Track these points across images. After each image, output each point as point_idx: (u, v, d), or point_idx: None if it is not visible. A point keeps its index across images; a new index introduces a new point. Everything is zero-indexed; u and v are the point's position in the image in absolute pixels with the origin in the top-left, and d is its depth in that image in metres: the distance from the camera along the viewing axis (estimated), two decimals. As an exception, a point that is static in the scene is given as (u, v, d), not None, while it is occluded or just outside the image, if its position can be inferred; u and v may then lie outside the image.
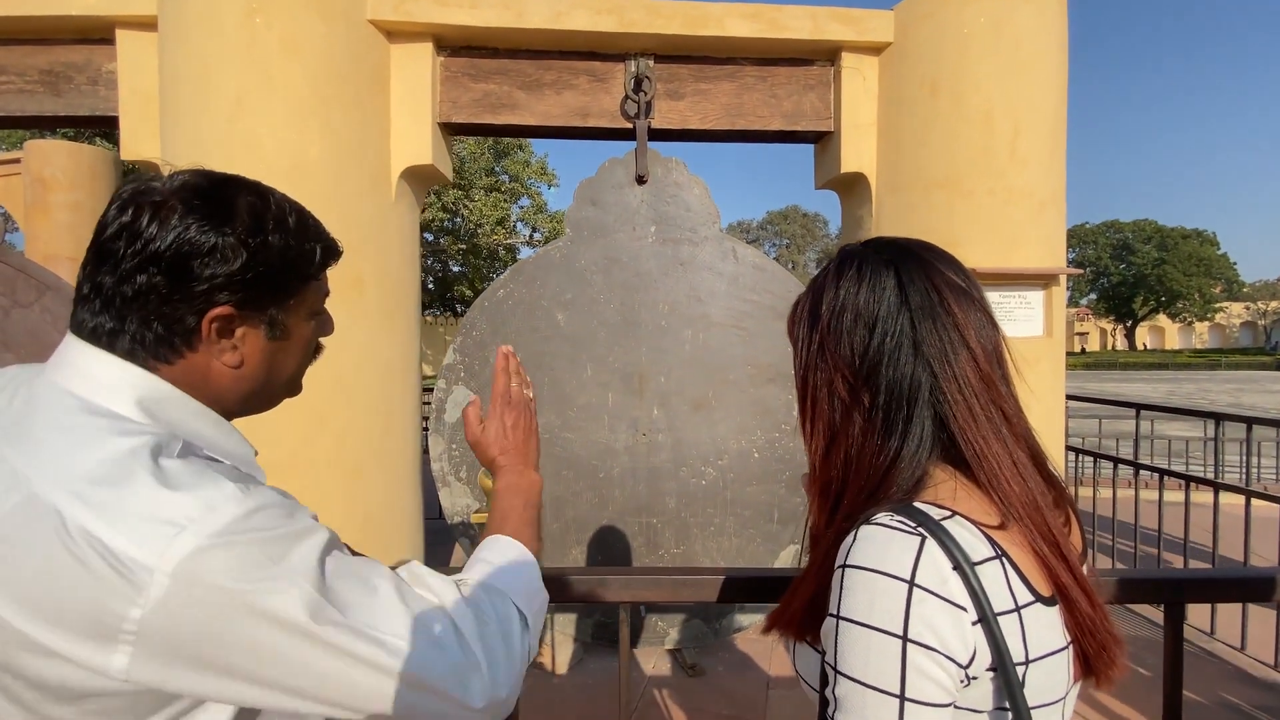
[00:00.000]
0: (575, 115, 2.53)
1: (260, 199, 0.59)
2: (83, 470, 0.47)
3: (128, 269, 0.54)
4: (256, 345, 0.60)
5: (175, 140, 2.25)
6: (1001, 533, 0.51)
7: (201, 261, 0.55)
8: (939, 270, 0.58)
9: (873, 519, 0.51)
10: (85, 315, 0.55)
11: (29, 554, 0.45)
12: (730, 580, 0.75)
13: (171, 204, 0.55)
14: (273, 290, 0.59)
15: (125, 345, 0.55)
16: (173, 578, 0.44)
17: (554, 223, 20.68)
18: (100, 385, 0.54)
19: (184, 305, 0.55)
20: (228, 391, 0.60)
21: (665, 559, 2.48)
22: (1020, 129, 2.40)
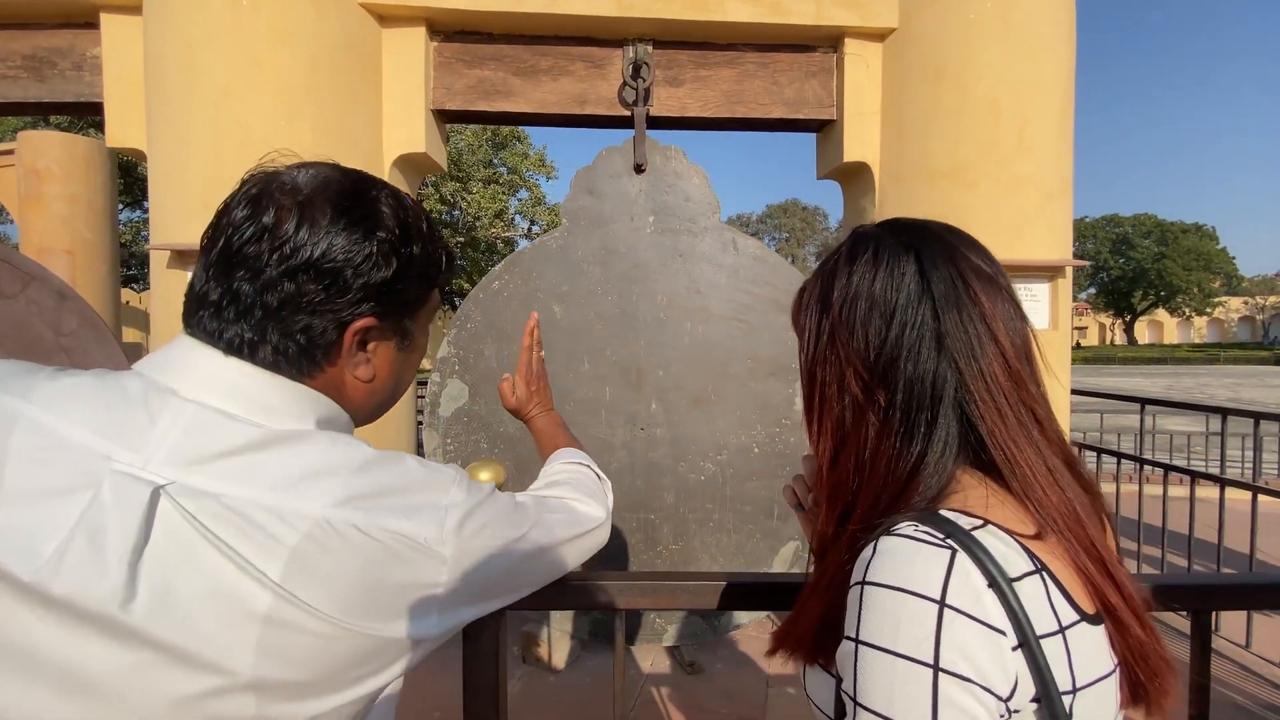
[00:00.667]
0: (572, 102, 2.48)
1: (398, 201, 0.57)
2: (349, 487, 0.49)
3: (273, 276, 0.50)
4: (387, 357, 0.58)
5: (161, 127, 2.19)
6: (1039, 543, 0.45)
7: (354, 271, 0.52)
8: (964, 255, 0.52)
9: (894, 529, 0.45)
10: (216, 324, 0.50)
11: (344, 563, 0.47)
12: (731, 587, 0.71)
13: (319, 205, 0.52)
14: (410, 299, 0.57)
15: (267, 358, 0.51)
16: (457, 544, 0.52)
17: (552, 215, 20.58)
18: (272, 409, 0.50)
19: (330, 316, 0.52)
20: (358, 407, 0.58)
21: (663, 555, 2.44)
22: (1027, 117, 2.35)
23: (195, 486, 0.45)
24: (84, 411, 0.46)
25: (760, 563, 2.45)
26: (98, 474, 0.44)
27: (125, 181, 15.30)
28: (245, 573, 0.44)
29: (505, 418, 2.43)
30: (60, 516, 0.43)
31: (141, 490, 0.44)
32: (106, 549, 0.43)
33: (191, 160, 2.12)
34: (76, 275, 5.16)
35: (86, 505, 0.43)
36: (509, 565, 0.57)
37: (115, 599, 0.42)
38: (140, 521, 0.43)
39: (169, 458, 0.46)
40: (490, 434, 2.42)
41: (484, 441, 2.41)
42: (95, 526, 0.43)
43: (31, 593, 0.42)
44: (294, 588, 0.45)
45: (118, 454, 0.45)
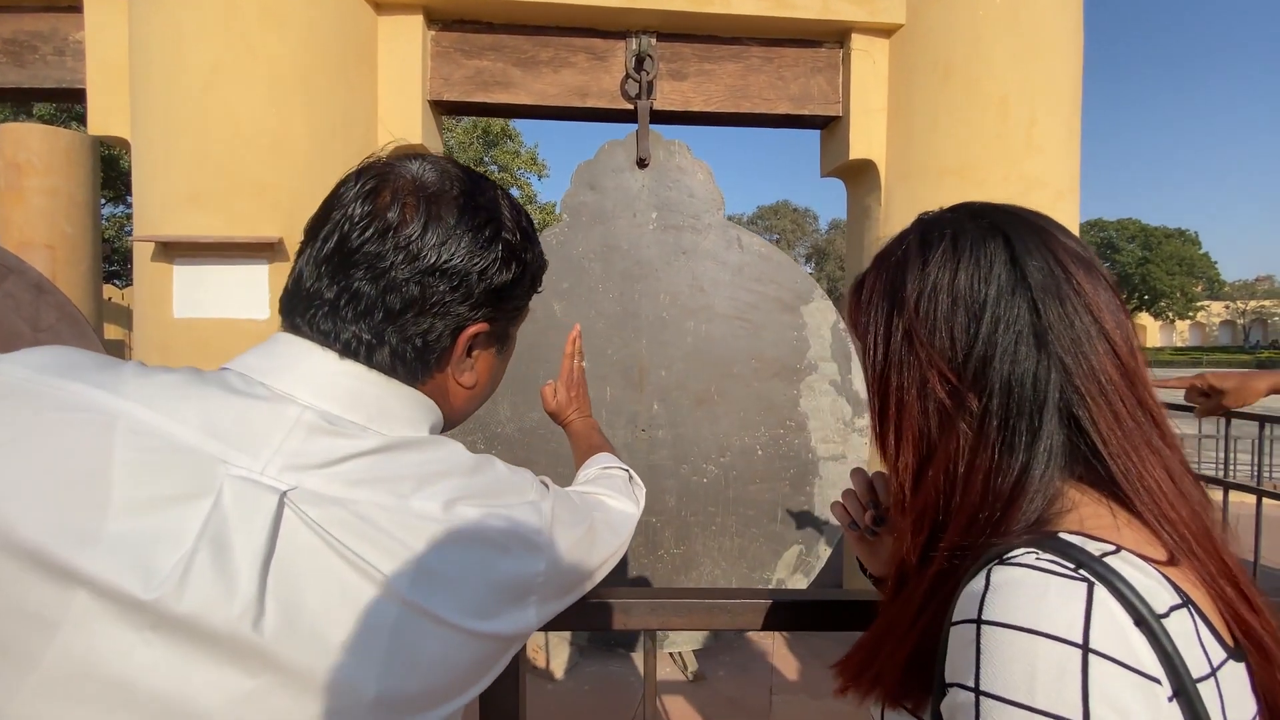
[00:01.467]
0: (573, 95, 2.42)
1: (511, 203, 0.55)
2: (464, 488, 0.48)
3: (399, 278, 0.47)
4: (488, 363, 0.57)
5: (146, 113, 2.11)
6: (1174, 569, 0.40)
7: (480, 274, 0.50)
8: (1058, 239, 0.46)
9: (1010, 558, 0.38)
10: (331, 324, 0.47)
11: (466, 564, 0.46)
12: (779, 606, 0.65)
13: (445, 204, 0.49)
14: (520, 305, 0.56)
15: (385, 361, 0.48)
16: (551, 536, 0.53)
17: (544, 214, 20.48)
18: (391, 415, 0.48)
19: (450, 320, 0.50)
20: (455, 412, 0.56)
21: (664, 559, 2.38)
22: (1036, 116, 2.32)
23: (319, 492, 0.42)
24: (192, 410, 0.42)
25: (764, 567, 2.40)
26: (215, 479, 0.40)
27: (108, 175, 15.02)
28: (373, 581, 0.42)
29: (502, 417, 2.36)
30: (180, 527, 0.39)
31: (266, 497, 0.41)
32: (235, 562, 0.39)
33: (177, 149, 2.04)
34: (57, 270, 5.03)
35: (208, 514, 0.39)
36: (582, 556, 0.59)
37: (248, 617, 0.39)
38: (267, 530, 0.40)
39: (289, 463, 0.42)
40: (487, 434, 2.35)
41: (480, 442, 2.34)
42: (219, 537, 0.39)
43: (147, 613, 0.37)
44: (422, 595, 0.43)
45: (234, 457, 0.41)
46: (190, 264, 2.07)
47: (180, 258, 2.08)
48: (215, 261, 2.07)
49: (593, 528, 0.61)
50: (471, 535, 0.46)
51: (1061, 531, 0.40)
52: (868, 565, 0.65)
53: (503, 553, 0.48)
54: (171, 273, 2.08)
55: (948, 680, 0.39)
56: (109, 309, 9.79)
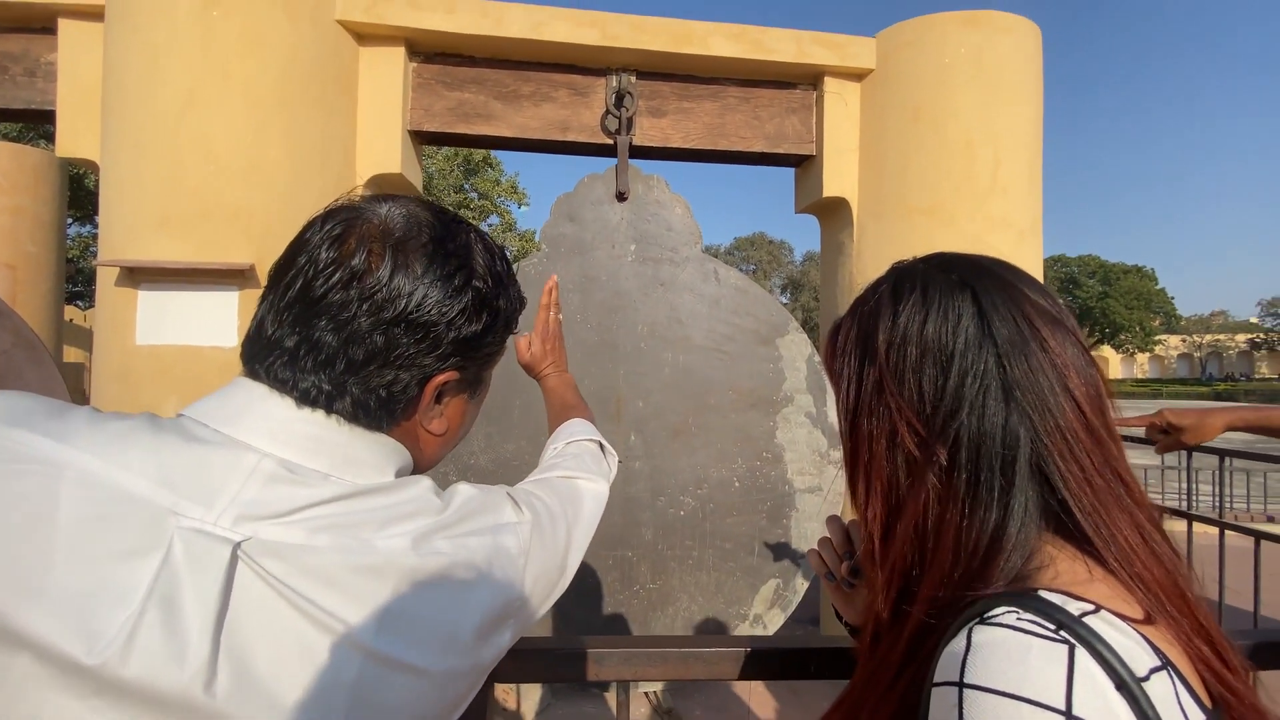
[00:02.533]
0: (554, 128, 2.45)
1: (486, 246, 0.54)
2: (431, 523, 0.47)
3: (362, 328, 0.46)
4: (459, 408, 0.55)
5: (117, 136, 2.07)
6: (1152, 629, 0.39)
7: (449, 324, 0.48)
8: (1025, 294, 0.47)
9: (991, 617, 0.38)
10: (290, 374, 0.46)
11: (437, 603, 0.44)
12: (755, 654, 0.63)
13: (413, 250, 0.48)
14: (493, 351, 0.55)
15: (345, 410, 0.47)
16: (531, 553, 0.52)
17: (523, 241, 20.55)
18: (355, 462, 0.47)
19: (416, 370, 0.48)
20: (426, 461, 0.55)
21: (640, 594, 2.34)
22: (1000, 158, 2.41)
23: (276, 541, 0.40)
24: (144, 459, 0.40)
25: (740, 602, 2.37)
26: (165, 532, 0.39)
27: (75, 195, 14.70)
28: (333, 634, 0.40)
29: (476, 448, 2.32)
30: (127, 584, 0.37)
31: (219, 549, 0.39)
32: (185, 620, 0.37)
33: (148, 172, 2.01)
34: (17, 291, 4.87)
35: (157, 570, 0.38)
36: (559, 563, 0.58)
37: (199, 680, 0.37)
38: (219, 585, 0.38)
39: (245, 512, 0.41)
40: (460, 465, 2.30)
41: (453, 474, 2.29)
42: (169, 594, 0.37)
43: (91, 679, 0.35)
44: (388, 642, 0.42)
45: (186, 508, 0.40)
46: (156, 289, 2.02)
47: (146, 283, 2.02)
48: (182, 287, 2.02)
49: (568, 529, 0.60)
50: (444, 571, 0.45)
51: (1041, 589, 0.40)
52: (844, 614, 0.64)
53: (479, 583, 0.47)
54: (136, 298, 2.02)
55: None
56: (70, 330, 9.48)
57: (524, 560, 0.51)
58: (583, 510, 0.67)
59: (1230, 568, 2.52)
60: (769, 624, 2.36)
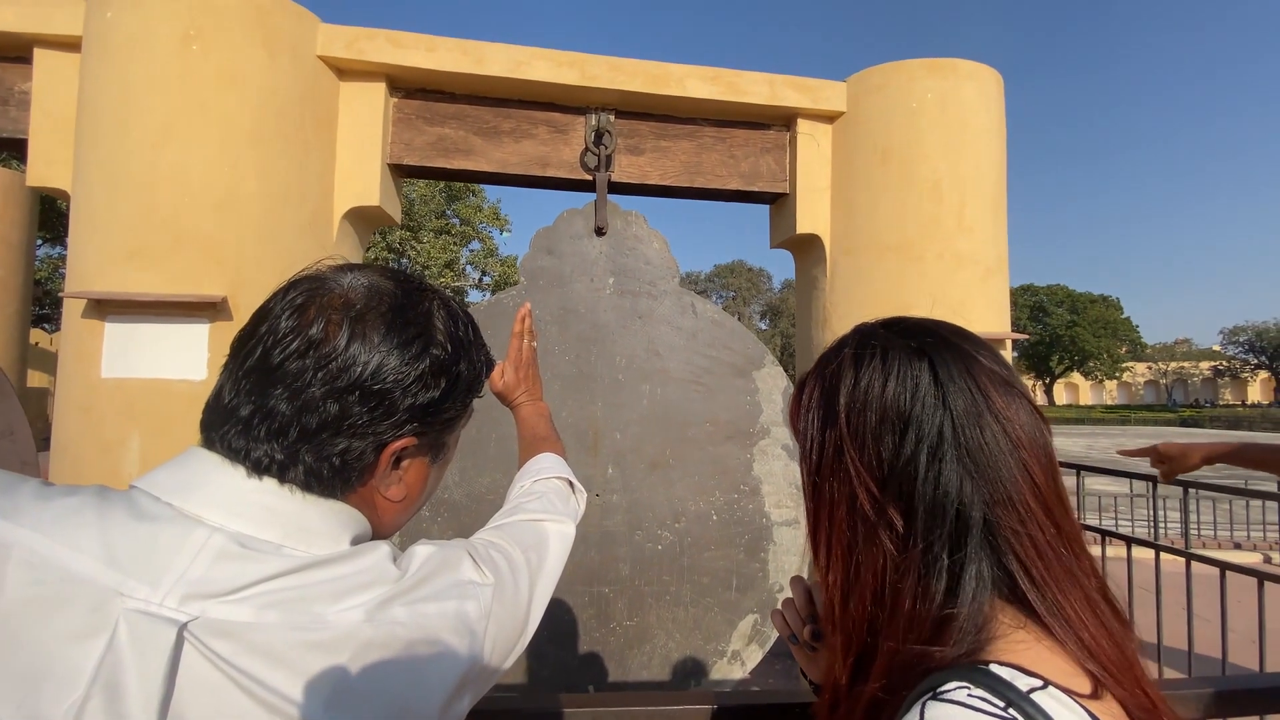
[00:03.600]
0: (534, 164, 2.48)
1: (449, 313, 0.54)
2: (387, 592, 0.45)
3: (315, 396, 0.45)
4: (420, 474, 0.54)
5: (90, 168, 2.05)
6: (1098, 704, 0.40)
7: (404, 391, 0.48)
8: (980, 362, 0.48)
9: (943, 693, 0.39)
10: (243, 442, 0.46)
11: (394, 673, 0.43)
12: (721, 712, 0.63)
13: (371, 319, 0.48)
14: (453, 416, 0.54)
15: (298, 479, 0.46)
16: (491, 615, 0.51)
17: (505, 267, 20.57)
18: (310, 532, 0.46)
19: (371, 439, 0.48)
20: (385, 528, 0.54)
21: (616, 632, 2.31)
22: (966, 199, 2.50)
23: (225, 620, 0.40)
24: (91, 538, 0.40)
25: (718, 638, 2.34)
26: (111, 614, 0.38)
27: (45, 217, 14.43)
28: (280, 715, 0.39)
29: (450, 482, 2.29)
30: (73, 668, 0.36)
31: (163, 632, 0.38)
32: (128, 706, 0.36)
33: (121, 204, 1.99)
34: (-21, 315, 4.73)
35: (102, 654, 0.37)
36: (520, 623, 0.57)
37: None
38: (164, 670, 0.37)
39: (193, 590, 0.40)
40: (433, 501, 2.27)
41: (426, 509, 2.25)
42: (113, 679, 0.37)
43: None
44: (337, 717, 0.41)
45: (132, 588, 0.39)
46: (124, 322, 1.99)
47: (113, 315, 1.99)
48: (151, 319, 1.99)
49: (533, 579, 0.59)
50: (400, 643, 0.44)
51: (993, 662, 0.41)
52: (809, 673, 0.64)
53: (437, 657, 0.46)
54: (102, 330, 1.99)
55: None
56: (35, 354, 9.19)
57: (484, 624, 0.50)
58: (548, 556, 0.65)
59: (1199, 595, 2.56)
60: (747, 661, 2.34)
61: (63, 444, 2.03)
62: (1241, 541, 5.80)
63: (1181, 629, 2.57)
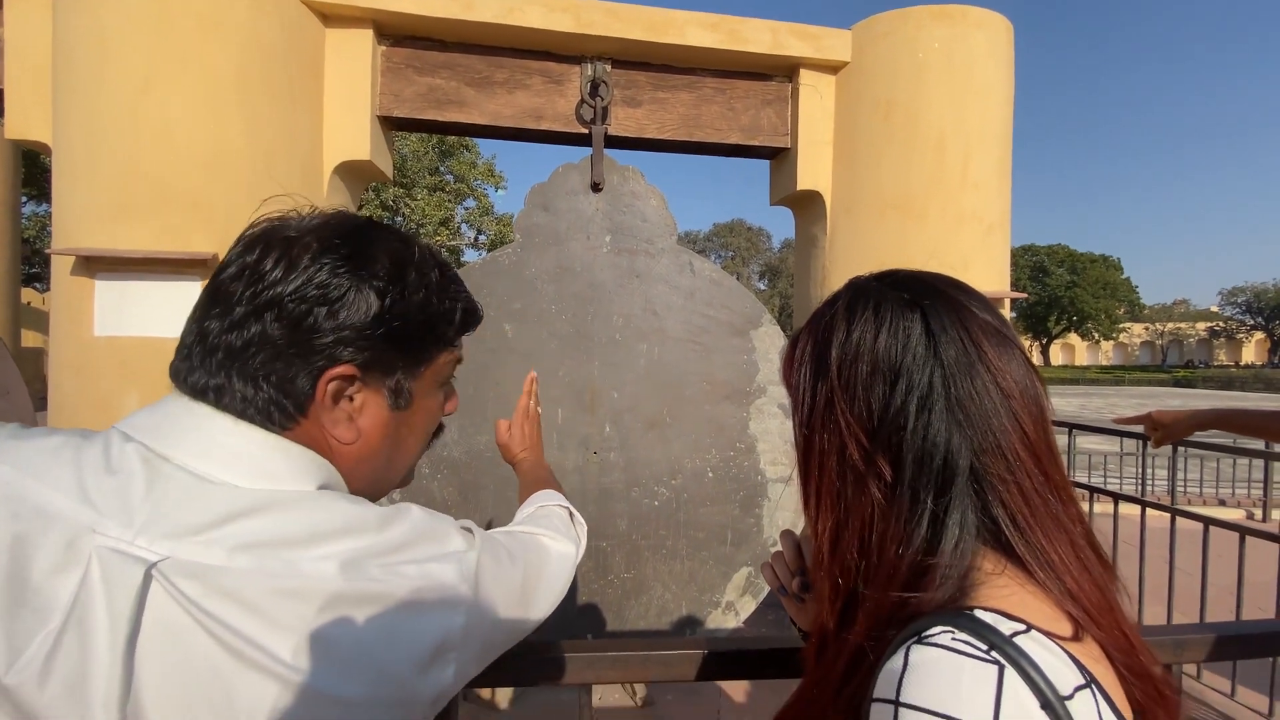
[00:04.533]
0: (528, 117, 2.41)
1: (404, 245, 0.52)
2: (364, 545, 0.45)
3: (240, 315, 0.46)
4: (378, 417, 0.51)
5: (69, 121, 1.99)
6: (1079, 646, 0.41)
7: (329, 310, 0.47)
8: (973, 313, 0.48)
9: (927, 637, 0.40)
10: (183, 367, 0.47)
11: (364, 629, 0.42)
12: (712, 657, 0.65)
13: (306, 242, 0.48)
14: (404, 352, 0.51)
15: (235, 406, 0.46)
16: (473, 588, 0.49)
17: (500, 225, 20.30)
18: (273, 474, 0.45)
19: (300, 362, 0.46)
20: (353, 481, 0.52)
21: (614, 583, 2.37)
22: (971, 153, 2.44)
23: (195, 561, 0.40)
24: (66, 475, 0.41)
25: (713, 589, 2.41)
26: (84, 550, 0.38)
27: (30, 173, 14.10)
28: (247, 661, 0.39)
29: (449, 439, 2.31)
30: (48, 601, 0.37)
31: (132, 570, 0.39)
32: (97, 643, 0.37)
33: (103, 157, 1.93)
34: (-33, 275, 4.66)
35: (76, 588, 0.37)
36: (513, 607, 0.56)
37: (113, 705, 0.36)
38: (131, 607, 0.38)
39: (164, 529, 0.40)
40: (433, 458, 2.29)
41: (425, 466, 2.28)
42: (84, 616, 0.37)
43: (6, 696, 0.35)
44: (308, 670, 0.40)
45: (105, 526, 0.39)
46: (114, 279, 1.96)
47: (103, 272, 1.96)
48: (142, 277, 1.96)
49: (526, 574, 0.59)
50: (373, 597, 0.43)
51: (977, 608, 0.42)
52: (798, 621, 0.66)
53: (412, 612, 0.45)
54: (93, 288, 1.96)
55: None
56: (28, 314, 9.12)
57: (468, 591, 0.49)
58: (547, 561, 0.65)
59: (1183, 550, 2.63)
60: (741, 611, 2.41)
61: (59, 403, 2.03)
62: (1226, 498, 5.92)
63: (1163, 583, 2.65)
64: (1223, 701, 2.47)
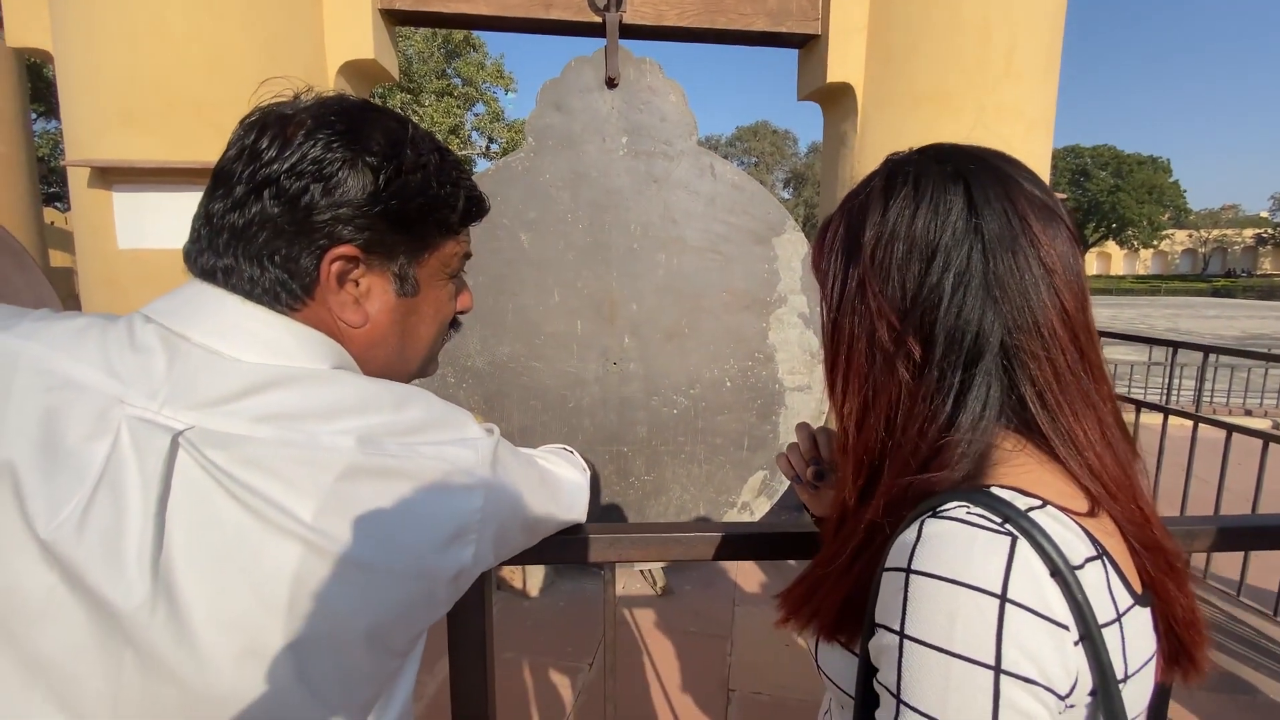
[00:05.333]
0: (537, 5, 2.26)
1: (401, 126, 0.51)
2: (383, 420, 0.46)
3: (240, 194, 0.46)
4: (384, 303, 0.52)
5: (68, 24, 1.91)
6: (1093, 521, 0.42)
7: (324, 186, 0.47)
8: (1020, 185, 0.45)
9: (942, 510, 0.40)
10: (193, 249, 0.48)
11: (383, 496, 0.44)
12: (728, 539, 0.69)
13: (301, 119, 0.48)
14: (405, 233, 0.51)
15: (243, 287, 0.47)
16: (489, 473, 0.50)
17: (512, 132, 19.59)
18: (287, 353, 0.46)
19: (302, 240, 0.47)
20: (366, 362, 0.52)
21: (635, 485, 2.47)
22: (1016, 41, 2.25)
23: (219, 430, 0.41)
24: (93, 351, 0.42)
25: (729, 491, 2.50)
26: (114, 419, 0.40)
27: (35, 87, 13.76)
28: (271, 524, 0.41)
29: (471, 350, 2.35)
30: (82, 463, 0.39)
31: (160, 437, 0.40)
32: (129, 502, 0.39)
33: (104, 63, 1.87)
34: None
35: (107, 454, 0.39)
36: (526, 505, 0.57)
37: (145, 560, 0.39)
38: (160, 473, 0.40)
39: (188, 401, 0.42)
40: (457, 368, 2.34)
41: (451, 375, 2.34)
42: (116, 480, 0.39)
43: (48, 553, 0.38)
44: (330, 529, 0.42)
45: (132, 397, 0.41)
46: (130, 190, 1.95)
47: (119, 184, 1.95)
48: (156, 188, 1.95)
49: (543, 476, 0.61)
50: (390, 471, 0.45)
51: (993, 485, 0.42)
52: (811, 508, 0.68)
53: (429, 491, 0.46)
54: (111, 200, 1.96)
55: (877, 621, 0.42)
56: (52, 233, 9.22)
57: (486, 473, 0.50)
58: (560, 483, 0.66)
59: (1203, 459, 2.64)
60: (755, 510, 2.51)
61: (95, 315, 2.09)
62: (1253, 409, 5.86)
63: (1179, 489, 2.67)
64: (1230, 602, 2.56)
